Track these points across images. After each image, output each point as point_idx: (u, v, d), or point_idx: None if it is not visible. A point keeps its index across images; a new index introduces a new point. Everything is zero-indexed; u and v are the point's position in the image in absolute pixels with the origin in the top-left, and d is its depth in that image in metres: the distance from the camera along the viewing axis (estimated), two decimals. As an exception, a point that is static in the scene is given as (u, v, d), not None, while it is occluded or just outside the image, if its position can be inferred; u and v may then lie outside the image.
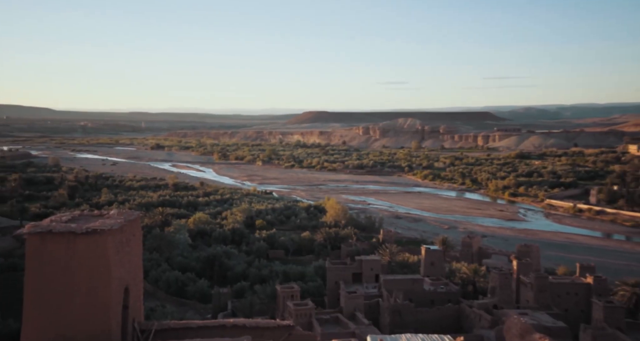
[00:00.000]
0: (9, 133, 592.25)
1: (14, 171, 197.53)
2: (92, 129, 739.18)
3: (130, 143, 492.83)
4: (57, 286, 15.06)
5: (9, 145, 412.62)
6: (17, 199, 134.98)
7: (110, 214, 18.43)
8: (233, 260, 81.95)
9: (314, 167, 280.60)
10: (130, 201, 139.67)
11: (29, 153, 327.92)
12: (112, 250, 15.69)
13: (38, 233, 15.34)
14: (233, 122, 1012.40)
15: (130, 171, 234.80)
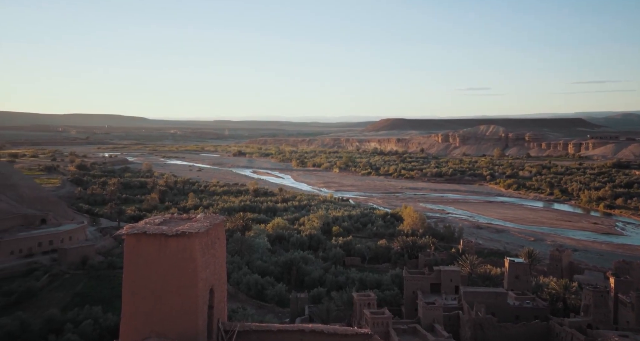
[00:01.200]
0: (109, 141, 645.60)
1: (113, 176, 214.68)
2: (180, 137, 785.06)
3: (214, 150, 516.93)
4: (150, 284, 16.10)
5: (110, 152, 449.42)
6: (115, 201, 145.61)
7: (197, 218, 19.44)
8: (310, 266, 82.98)
9: (391, 174, 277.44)
10: (214, 205, 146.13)
11: (126, 159, 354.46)
12: (198, 252, 16.51)
13: (134, 234, 16.53)
14: (311, 130, 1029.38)
15: (214, 177, 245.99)
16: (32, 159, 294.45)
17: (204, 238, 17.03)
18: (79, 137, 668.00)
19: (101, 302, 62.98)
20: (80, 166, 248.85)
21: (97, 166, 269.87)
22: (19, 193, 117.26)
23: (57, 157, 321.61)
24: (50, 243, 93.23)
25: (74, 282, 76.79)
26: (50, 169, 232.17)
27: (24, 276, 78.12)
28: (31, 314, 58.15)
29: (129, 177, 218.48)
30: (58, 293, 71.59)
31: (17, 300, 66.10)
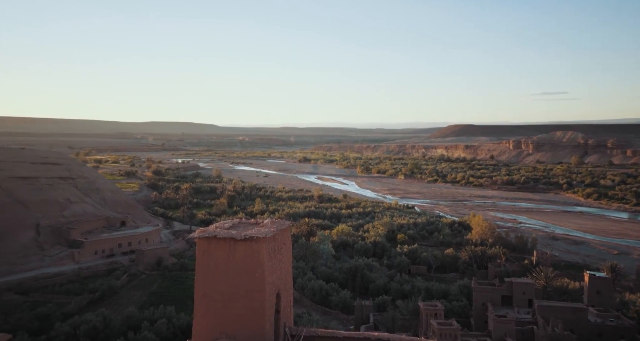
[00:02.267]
0: (182, 147, 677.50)
1: (186, 181, 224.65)
2: (248, 143, 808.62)
3: (280, 156, 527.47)
4: (220, 287, 16.61)
5: (183, 158, 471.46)
6: (187, 206, 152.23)
7: (264, 223, 19.84)
8: (374, 273, 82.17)
9: (459, 182, 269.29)
10: (280, 210, 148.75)
11: (197, 165, 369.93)
12: (266, 257, 16.83)
13: (206, 238, 17.15)
14: (376, 136, 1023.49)
15: (280, 183, 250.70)
16: (113, 165, 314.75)
17: (271, 242, 17.35)
18: (155, 144, 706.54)
19: (174, 302, 65.91)
20: (156, 172, 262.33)
21: (171, 171, 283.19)
22: (102, 197, 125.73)
23: (135, 163, 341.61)
24: (129, 244, 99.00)
25: (149, 282, 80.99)
26: (130, 174, 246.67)
27: (106, 275, 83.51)
28: (112, 311, 61.98)
29: (200, 182, 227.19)
30: (136, 292, 75.79)
31: (100, 297, 70.71)
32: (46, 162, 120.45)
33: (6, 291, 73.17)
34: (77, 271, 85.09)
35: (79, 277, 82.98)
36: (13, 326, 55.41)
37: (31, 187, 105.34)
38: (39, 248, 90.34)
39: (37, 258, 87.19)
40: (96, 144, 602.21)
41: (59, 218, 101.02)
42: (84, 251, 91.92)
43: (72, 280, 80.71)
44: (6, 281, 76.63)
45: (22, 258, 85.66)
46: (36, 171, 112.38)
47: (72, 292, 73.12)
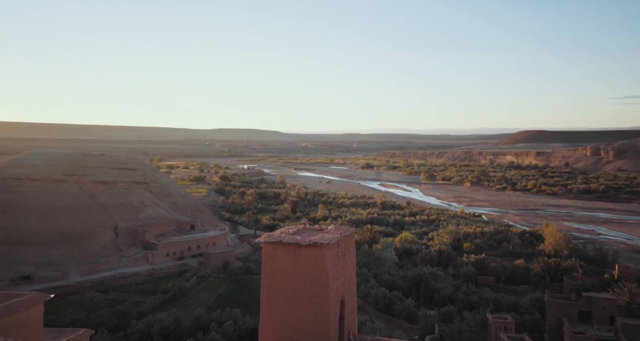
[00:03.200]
0: (248, 153, 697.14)
1: (251, 187, 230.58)
2: (311, 150, 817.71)
3: (343, 163, 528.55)
4: (285, 291, 16.86)
5: (248, 164, 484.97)
6: (252, 211, 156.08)
7: (328, 229, 19.94)
8: (440, 282, 80.00)
9: (530, 190, 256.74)
10: (342, 217, 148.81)
11: (262, 171, 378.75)
12: (330, 263, 16.89)
13: (271, 243, 17.49)
14: (441, 142, 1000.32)
15: (343, 189, 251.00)
16: (184, 171, 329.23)
17: (335, 249, 17.40)
18: (222, 150, 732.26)
19: (240, 305, 67.67)
20: (223, 177, 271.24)
21: (237, 177, 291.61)
22: (173, 201, 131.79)
23: (204, 168, 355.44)
24: (198, 247, 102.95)
25: (217, 285, 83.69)
26: (198, 180, 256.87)
27: (176, 277, 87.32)
28: (182, 312, 64.70)
29: (265, 188, 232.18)
30: (204, 294, 78.58)
31: (172, 297, 73.98)
32: (124, 168, 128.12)
33: (89, 288, 78.46)
34: (150, 271, 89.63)
35: (152, 277, 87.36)
36: (95, 322, 59.19)
37: (110, 191, 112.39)
38: (117, 249, 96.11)
39: (116, 258, 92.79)
40: (168, 150, 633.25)
41: (134, 221, 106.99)
42: (157, 253, 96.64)
43: (146, 280, 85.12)
44: (89, 279, 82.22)
45: (103, 258, 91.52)
46: (115, 176, 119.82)
47: (146, 292, 77.08)
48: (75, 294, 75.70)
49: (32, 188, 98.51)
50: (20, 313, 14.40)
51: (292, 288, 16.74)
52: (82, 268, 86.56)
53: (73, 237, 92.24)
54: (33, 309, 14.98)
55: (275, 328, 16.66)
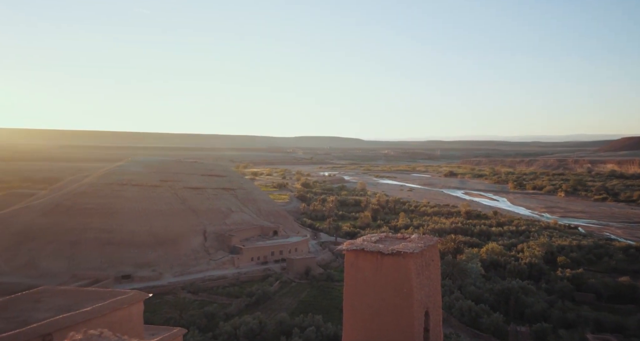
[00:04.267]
0: (329, 161, 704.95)
1: (332, 194, 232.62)
2: (392, 157, 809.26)
3: (425, 170, 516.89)
4: (367, 300, 16.78)
5: (329, 171, 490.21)
6: (333, 218, 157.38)
7: (411, 238, 19.58)
8: (531, 297, 75.32)
9: (635, 201, 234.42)
10: (424, 225, 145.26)
11: (342, 178, 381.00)
12: (413, 272, 16.56)
13: (353, 251, 17.52)
14: (531, 150, 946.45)
15: (425, 197, 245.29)
16: (267, 177, 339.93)
17: (418, 258, 17.05)
18: (304, 157, 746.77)
19: (322, 311, 68.29)
20: (305, 184, 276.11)
21: (318, 184, 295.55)
22: (257, 207, 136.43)
23: (286, 175, 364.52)
24: (280, 252, 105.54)
25: (299, 290, 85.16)
26: (281, 186, 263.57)
27: (260, 281, 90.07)
28: (266, 315, 66.60)
29: (345, 195, 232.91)
30: (286, 298, 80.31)
31: (256, 301, 76.44)
32: (212, 175, 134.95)
33: (181, 289, 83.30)
34: (236, 275, 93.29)
35: (238, 281, 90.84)
36: (187, 322, 62.65)
37: (200, 197, 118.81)
38: (206, 253, 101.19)
39: (205, 261, 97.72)
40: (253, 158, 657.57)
41: (222, 226, 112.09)
42: (242, 257, 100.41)
43: (233, 283, 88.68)
44: (181, 280, 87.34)
45: (193, 260, 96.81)
46: (204, 182, 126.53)
47: (233, 294, 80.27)
48: (169, 294, 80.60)
49: (132, 193, 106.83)
50: (124, 309, 15.63)
51: (375, 297, 16.62)
52: (174, 270, 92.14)
53: (167, 240, 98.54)
54: (135, 306, 16.20)
55: (358, 336, 16.62)
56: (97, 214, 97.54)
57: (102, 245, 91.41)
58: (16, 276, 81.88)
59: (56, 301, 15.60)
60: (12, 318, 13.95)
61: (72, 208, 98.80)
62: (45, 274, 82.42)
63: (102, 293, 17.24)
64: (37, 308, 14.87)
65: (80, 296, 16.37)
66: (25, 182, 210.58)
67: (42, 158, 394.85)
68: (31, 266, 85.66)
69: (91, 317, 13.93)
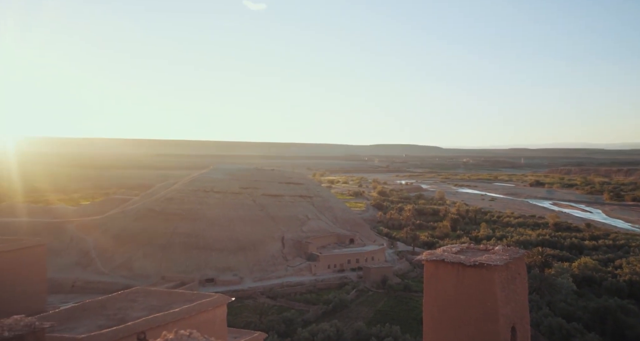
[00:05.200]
0: (406, 169, 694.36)
1: (409, 203, 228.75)
2: (472, 165, 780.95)
3: (508, 179, 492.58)
4: (448, 312, 16.23)
5: (406, 179, 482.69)
6: (410, 227, 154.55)
7: (495, 249, 18.71)
8: (633, 317, 68.86)
9: None
10: (508, 237, 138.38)
11: (420, 187, 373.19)
12: (498, 286, 15.79)
13: (433, 261, 17.04)
14: (630, 158, 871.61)
15: (508, 207, 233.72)
16: (343, 185, 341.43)
17: (503, 271, 16.25)
18: (380, 165, 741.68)
19: (399, 322, 67.07)
20: (381, 192, 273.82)
21: (395, 192, 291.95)
22: (334, 215, 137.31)
23: (362, 183, 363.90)
24: (357, 261, 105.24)
25: (375, 299, 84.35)
26: (357, 194, 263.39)
27: (337, 289, 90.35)
28: (343, 323, 66.61)
29: (423, 204, 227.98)
30: (363, 307, 79.86)
31: (333, 308, 76.74)
32: (290, 182, 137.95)
33: (260, 294, 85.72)
34: (313, 282, 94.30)
35: (315, 288, 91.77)
36: (266, 326, 64.23)
37: (279, 204, 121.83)
38: (284, 259, 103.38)
39: (282, 267, 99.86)
40: (329, 166, 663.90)
41: (299, 233, 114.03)
42: (319, 265, 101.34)
43: (310, 290, 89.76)
44: (260, 285, 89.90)
45: (272, 266, 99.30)
46: (282, 190, 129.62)
47: (310, 301, 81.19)
48: (249, 298, 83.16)
49: (215, 200, 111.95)
50: (209, 312, 16.37)
51: (457, 310, 16.04)
52: (254, 275, 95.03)
53: (247, 245, 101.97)
54: (219, 309, 16.90)
55: (439, 351, 16.12)
56: (183, 220, 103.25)
57: (188, 249, 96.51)
58: (112, 277, 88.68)
59: (149, 301, 16.69)
60: (112, 315, 15.12)
61: (162, 213, 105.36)
62: (138, 276, 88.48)
63: (189, 295, 18.16)
64: (132, 307, 16.00)
65: (170, 298, 17.37)
66: (120, 188, 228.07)
67: (135, 166, 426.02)
68: (126, 268, 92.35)
69: (180, 318, 14.73)
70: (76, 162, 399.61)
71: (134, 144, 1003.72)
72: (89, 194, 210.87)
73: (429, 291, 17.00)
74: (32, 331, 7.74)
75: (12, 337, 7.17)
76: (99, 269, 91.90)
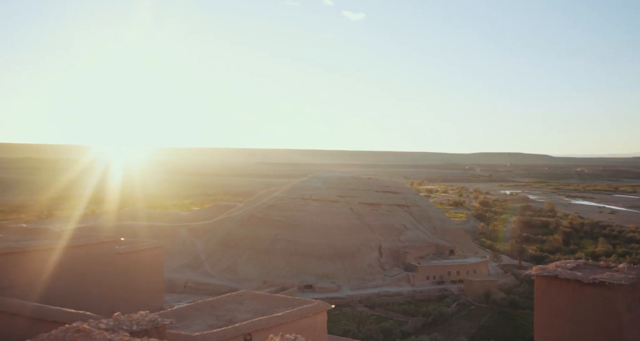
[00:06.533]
0: (511, 178, 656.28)
1: (514, 214, 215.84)
2: (588, 175, 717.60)
3: (632, 191, 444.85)
4: (563, 333, 14.99)
5: (511, 189, 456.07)
6: (516, 239, 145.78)
7: (618, 267, 16.97)
8: None
9: None
10: (632, 254, 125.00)
11: (527, 197, 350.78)
12: (623, 308, 14.25)
13: (545, 277, 15.84)
14: None
15: (632, 221, 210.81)
16: (442, 195, 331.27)
17: (629, 291, 14.62)
18: (482, 174, 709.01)
19: (503, 339, 63.30)
20: (483, 202, 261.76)
21: (498, 203, 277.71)
22: (432, 225, 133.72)
23: (463, 193, 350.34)
24: (457, 273, 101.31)
25: (478, 314, 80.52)
26: (457, 204, 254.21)
27: (436, 301, 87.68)
28: (444, 337, 64.48)
29: (530, 215, 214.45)
30: (465, 322, 76.62)
31: (433, 321, 74.56)
32: (387, 191, 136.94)
33: (358, 302, 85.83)
34: (411, 293, 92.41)
35: (414, 299, 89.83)
36: (364, 336, 64.11)
37: (375, 212, 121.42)
38: (381, 268, 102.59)
39: (380, 276, 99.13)
40: (428, 174, 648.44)
41: (396, 242, 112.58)
42: (418, 275, 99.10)
43: (408, 301, 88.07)
44: (358, 294, 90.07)
45: (369, 275, 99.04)
46: (380, 199, 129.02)
47: (408, 312, 79.63)
48: (347, 306, 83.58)
49: (314, 207, 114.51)
50: (310, 317, 16.70)
51: (573, 332, 14.73)
52: (351, 283, 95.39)
53: (344, 253, 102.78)
54: (319, 316, 17.18)
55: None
56: (284, 226, 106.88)
57: (288, 255, 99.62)
58: (219, 279, 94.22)
59: (254, 305, 17.45)
60: (221, 316, 16.05)
61: (264, 220, 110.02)
62: (242, 279, 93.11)
63: (290, 300, 18.69)
64: (239, 309, 16.84)
65: (273, 302, 18.03)
66: (226, 195, 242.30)
67: (239, 174, 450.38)
68: (231, 271, 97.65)
69: (283, 322, 15.20)
70: (186, 170, 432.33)
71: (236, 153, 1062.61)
72: (198, 201, 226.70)
73: (540, 310, 15.84)
74: (155, 327, 8.48)
75: (139, 331, 7.91)
76: (208, 271, 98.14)
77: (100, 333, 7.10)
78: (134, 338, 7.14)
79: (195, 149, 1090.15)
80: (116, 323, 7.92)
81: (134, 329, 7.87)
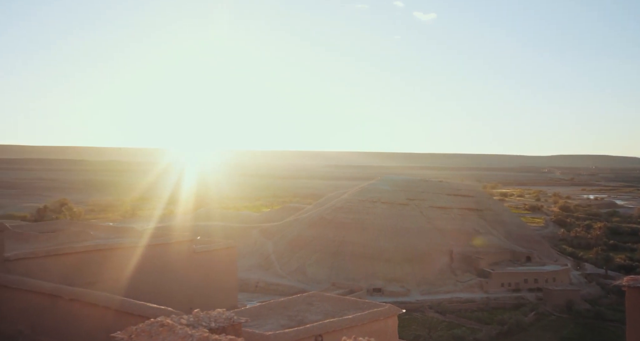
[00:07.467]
0: (595, 182, 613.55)
1: (599, 220, 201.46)
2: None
3: None
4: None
5: (595, 194, 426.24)
6: (601, 247, 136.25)
7: None
8: None
9: None
10: None
11: (613, 202, 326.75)
12: None
13: (637, 288, 14.61)
14: None
15: None
16: (518, 199, 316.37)
17: None
18: (562, 178, 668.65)
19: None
20: (564, 207, 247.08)
21: (581, 208, 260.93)
22: (507, 230, 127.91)
23: (541, 197, 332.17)
24: (535, 281, 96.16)
25: (559, 325, 76.02)
26: (535, 209, 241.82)
27: (512, 309, 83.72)
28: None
29: (617, 222, 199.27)
30: (545, 332, 72.60)
31: (508, 330, 71.30)
32: (458, 194, 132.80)
33: (428, 308, 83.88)
34: (485, 300, 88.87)
35: (487, 306, 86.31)
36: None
37: (446, 216, 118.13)
38: (452, 274, 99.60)
39: (451, 282, 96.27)
40: (502, 177, 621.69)
41: (468, 247, 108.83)
42: (492, 282, 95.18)
43: (481, 308, 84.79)
44: (428, 299, 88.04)
45: (439, 280, 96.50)
46: (451, 202, 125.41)
47: (482, 320, 76.67)
48: (416, 311, 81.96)
49: (382, 210, 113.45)
50: (380, 321, 16.51)
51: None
52: (421, 288, 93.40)
53: (414, 257, 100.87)
54: (390, 320, 16.93)
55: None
56: (352, 229, 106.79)
57: (356, 258, 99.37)
58: (289, 280, 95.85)
59: (324, 306, 17.52)
60: (292, 316, 16.26)
61: (332, 222, 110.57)
62: (311, 280, 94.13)
63: (360, 303, 18.58)
64: (310, 310, 16.98)
65: (343, 304, 18.00)
66: (295, 197, 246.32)
67: (307, 176, 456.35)
68: (300, 272, 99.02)
69: (354, 324, 15.13)
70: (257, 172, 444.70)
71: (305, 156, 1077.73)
72: (268, 202, 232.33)
73: (633, 324, 14.59)
74: (231, 325, 8.73)
75: (217, 328, 8.18)
76: (278, 272, 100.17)
77: (182, 328, 7.42)
78: (212, 334, 7.39)
79: (265, 152, 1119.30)
80: (196, 319, 8.24)
81: (212, 326, 8.15)
